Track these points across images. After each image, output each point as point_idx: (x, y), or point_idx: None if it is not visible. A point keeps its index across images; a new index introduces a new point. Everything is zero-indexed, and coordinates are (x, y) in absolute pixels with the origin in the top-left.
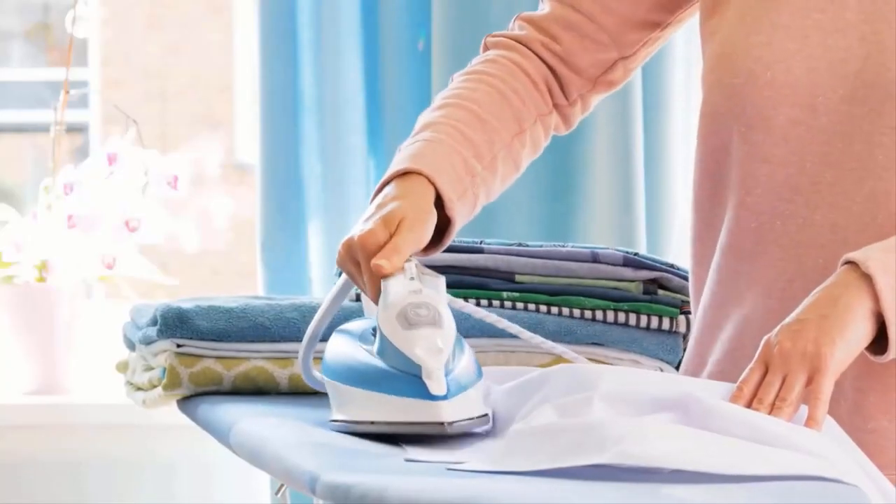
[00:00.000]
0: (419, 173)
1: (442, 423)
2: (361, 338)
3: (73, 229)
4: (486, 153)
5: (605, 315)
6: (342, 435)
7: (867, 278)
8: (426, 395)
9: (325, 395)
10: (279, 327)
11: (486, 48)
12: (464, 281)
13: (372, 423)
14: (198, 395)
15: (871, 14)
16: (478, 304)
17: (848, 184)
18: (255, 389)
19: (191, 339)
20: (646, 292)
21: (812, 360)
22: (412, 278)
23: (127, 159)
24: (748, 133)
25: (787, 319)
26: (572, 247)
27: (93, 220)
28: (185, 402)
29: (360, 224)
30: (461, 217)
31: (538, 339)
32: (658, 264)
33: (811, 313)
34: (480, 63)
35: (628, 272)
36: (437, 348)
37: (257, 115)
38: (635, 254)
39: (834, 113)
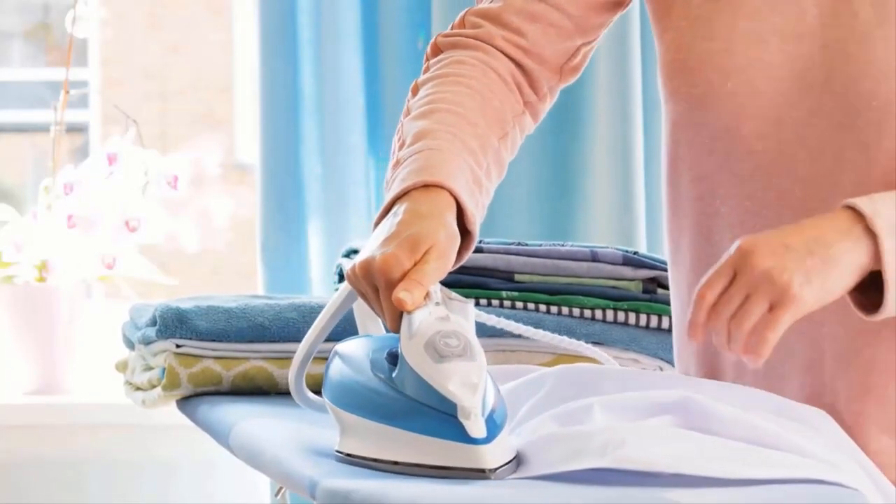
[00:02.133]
0: (441, 187)
1: (483, 470)
2: (374, 364)
3: (73, 229)
4: (482, 160)
5: (604, 314)
6: None
7: (870, 235)
8: (464, 437)
9: None
10: (278, 327)
11: (438, 49)
12: (463, 280)
13: (396, 462)
14: (197, 395)
15: (832, 19)
16: (477, 304)
17: (817, 201)
18: (255, 389)
19: (190, 339)
20: (645, 291)
21: (782, 292)
22: (438, 304)
23: (127, 159)
24: (712, 145)
25: (771, 233)
26: (572, 246)
27: (93, 220)
28: (185, 403)
29: (379, 244)
30: (477, 227)
31: (566, 340)
32: (658, 263)
33: (799, 244)
34: (448, 65)
35: (628, 271)
36: (472, 384)
37: (257, 115)
38: (635, 253)
39: (801, 126)
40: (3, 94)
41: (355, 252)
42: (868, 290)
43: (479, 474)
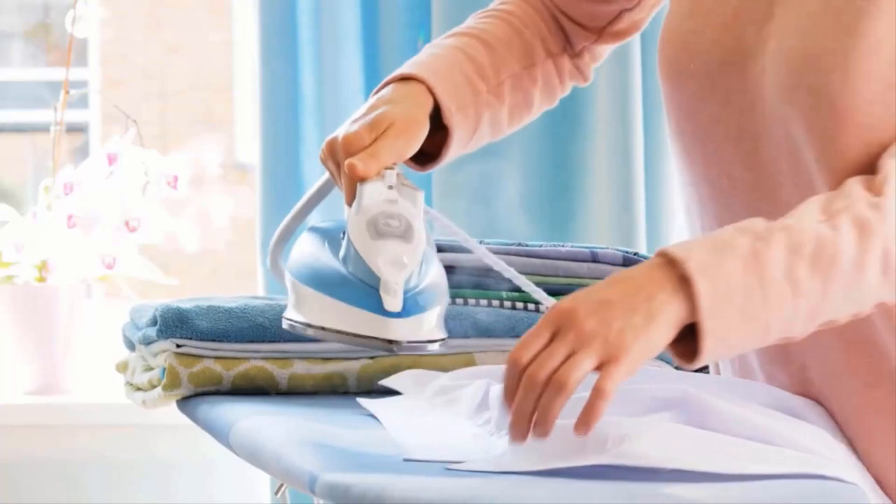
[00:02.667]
0: (419, 80)
1: (390, 342)
2: (331, 240)
3: (73, 229)
4: (491, 76)
5: None
6: (341, 434)
7: (685, 281)
8: (380, 310)
9: (325, 395)
10: (278, 327)
11: None
12: (463, 281)
13: (322, 328)
14: (197, 395)
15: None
16: (477, 304)
17: (766, 188)
18: (255, 389)
19: (190, 339)
20: None
21: (612, 348)
22: (390, 187)
23: (127, 159)
24: (684, 126)
25: (589, 290)
26: (572, 246)
27: (93, 220)
28: (185, 403)
29: (347, 124)
30: (460, 130)
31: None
32: None
33: (620, 299)
34: (496, 4)
35: None
36: (401, 263)
37: (257, 115)
38: (635, 253)
39: (747, 112)
40: (3, 94)
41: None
42: (685, 338)
43: (386, 345)
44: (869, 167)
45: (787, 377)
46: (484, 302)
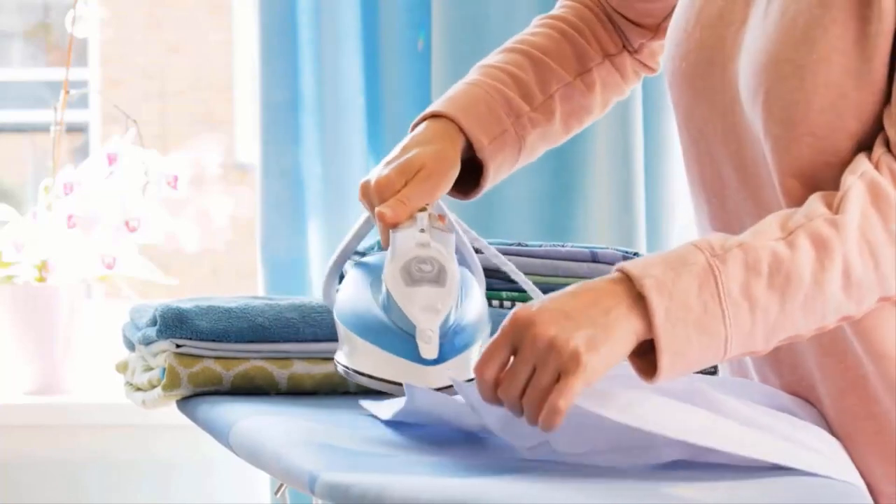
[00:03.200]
0: (447, 117)
1: (435, 391)
2: (374, 281)
3: (73, 229)
4: (537, 94)
5: None
6: (341, 434)
7: (641, 298)
8: (417, 357)
9: (325, 395)
10: (278, 327)
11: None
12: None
13: (364, 374)
14: (197, 395)
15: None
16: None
17: (751, 188)
18: (255, 389)
19: (190, 339)
20: None
21: (570, 360)
22: (422, 230)
23: (127, 159)
24: (681, 124)
25: (547, 301)
26: (572, 247)
27: (93, 220)
28: (185, 403)
29: (380, 167)
30: (497, 161)
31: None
32: None
33: (578, 311)
34: (555, 9)
35: None
36: (435, 309)
37: (257, 115)
38: (635, 253)
39: (730, 114)
40: (3, 94)
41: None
42: (647, 355)
43: None
44: (822, 175)
45: (779, 378)
46: (496, 303)
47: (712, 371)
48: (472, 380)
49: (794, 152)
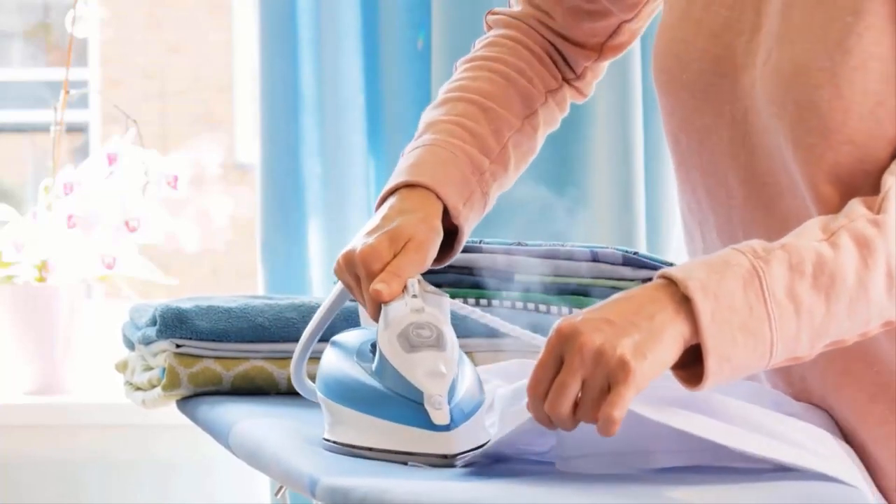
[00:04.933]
0: (424, 186)
1: (445, 456)
2: (359, 354)
3: (73, 229)
4: (493, 145)
5: None
6: None
7: (686, 301)
8: (429, 424)
9: None
10: (278, 327)
11: (489, 27)
12: (463, 280)
13: (370, 449)
14: (197, 395)
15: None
16: (477, 304)
17: (762, 200)
18: (255, 389)
19: (190, 339)
20: None
21: (618, 370)
22: (414, 296)
23: (127, 159)
24: (679, 135)
25: (589, 311)
26: (572, 246)
27: (93, 220)
28: (185, 403)
29: (362, 236)
30: (469, 222)
31: (540, 339)
32: (658, 263)
33: (621, 318)
34: (482, 47)
35: (628, 271)
36: (440, 373)
37: (257, 115)
38: (635, 253)
39: (741, 124)
40: (3, 94)
41: None
42: (690, 364)
43: (441, 459)
44: (860, 182)
45: (789, 387)
46: (484, 302)
47: None
48: (480, 447)
49: (829, 160)
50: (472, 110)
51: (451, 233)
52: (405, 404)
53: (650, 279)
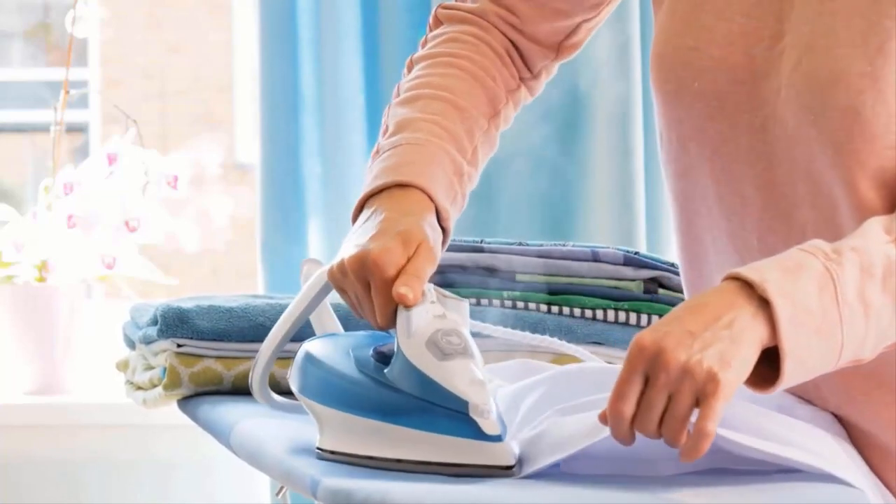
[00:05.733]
0: (417, 187)
1: (508, 467)
2: (359, 362)
3: (73, 229)
4: (468, 146)
5: (605, 314)
6: None
7: (763, 303)
8: (480, 435)
9: None
10: None
11: (439, 21)
12: (464, 280)
13: (399, 461)
14: (198, 394)
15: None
16: (478, 304)
17: (780, 208)
18: None
19: (191, 338)
20: (646, 291)
21: (707, 382)
22: (433, 302)
23: (127, 159)
24: (686, 143)
25: (667, 323)
26: (573, 246)
27: (93, 220)
28: (186, 402)
29: (368, 237)
30: (452, 223)
31: (565, 345)
32: (658, 263)
33: (702, 328)
34: (441, 43)
35: (629, 271)
36: (480, 381)
37: (257, 115)
38: (636, 253)
39: (759, 132)
40: (3, 94)
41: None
42: (759, 366)
43: (504, 471)
44: None
45: (800, 389)
46: (485, 302)
47: None
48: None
49: (873, 165)
50: (447, 109)
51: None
52: (446, 414)
53: (652, 279)
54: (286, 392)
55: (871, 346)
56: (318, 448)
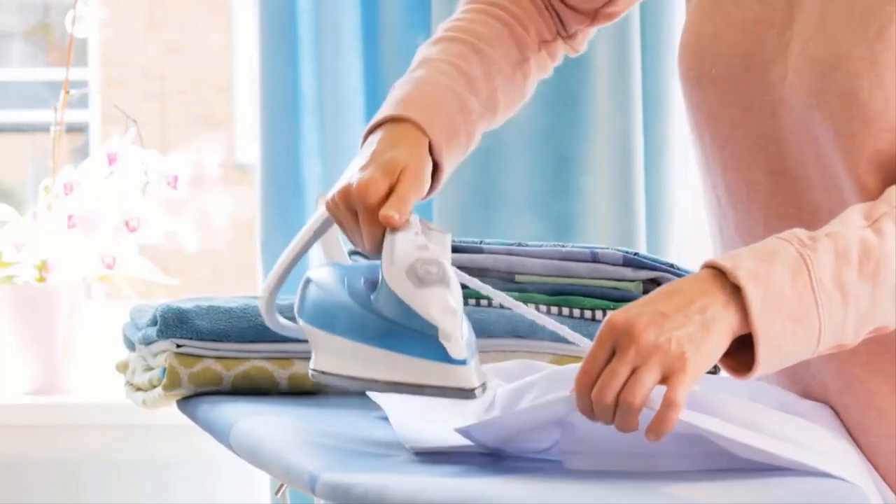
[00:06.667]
0: (411, 121)
1: (469, 389)
2: (350, 289)
3: (73, 229)
4: (482, 86)
5: (605, 315)
6: (342, 434)
7: (735, 291)
8: (446, 358)
9: (326, 394)
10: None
11: None
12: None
13: (375, 381)
14: (198, 395)
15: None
16: (477, 304)
17: (791, 192)
18: (255, 389)
19: (190, 339)
20: (646, 292)
21: (673, 361)
22: (417, 233)
23: (127, 159)
24: (704, 130)
25: (641, 303)
26: (572, 247)
27: (93, 220)
28: (185, 403)
29: (354, 172)
30: (451, 160)
31: (549, 321)
32: (658, 264)
33: (675, 311)
34: None
35: (628, 272)
36: (452, 309)
37: (257, 115)
38: (635, 254)
39: (769, 117)
40: (3, 94)
41: None
42: (737, 352)
43: (465, 393)
44: None
45: (794, 385)
46: (484, 302)
47: (713, 371)
48: (484, 385)
49: (870, 149)
50: (465, 51)
51: (433, 170)
52: (418, 337)
53: (651, 280)
54: (285, 392)
55: (853, 331)
56: (312, 369)
